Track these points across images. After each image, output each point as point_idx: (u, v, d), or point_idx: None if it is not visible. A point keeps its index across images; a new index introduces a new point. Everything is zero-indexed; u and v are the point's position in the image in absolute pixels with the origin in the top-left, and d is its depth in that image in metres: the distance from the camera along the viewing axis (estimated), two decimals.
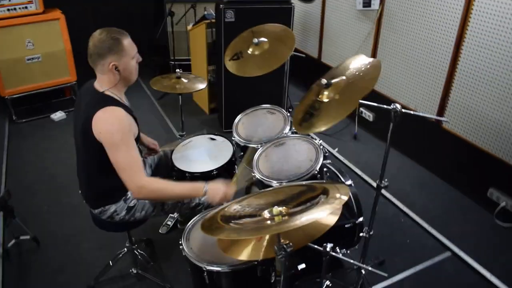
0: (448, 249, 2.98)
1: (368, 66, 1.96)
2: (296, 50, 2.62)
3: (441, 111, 3.52)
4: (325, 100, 1.97)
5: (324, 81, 1.94)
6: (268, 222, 1.39)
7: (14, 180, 3.75)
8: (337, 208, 1.33)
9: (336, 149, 4.13)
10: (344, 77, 1.97)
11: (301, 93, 5.18)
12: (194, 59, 5.01)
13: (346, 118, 4.48)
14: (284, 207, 1.43)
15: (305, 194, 1.53)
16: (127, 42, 2.06)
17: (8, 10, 4.34)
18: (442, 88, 3.46)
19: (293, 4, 3.94)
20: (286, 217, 1.39)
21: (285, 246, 1.44)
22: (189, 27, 4.81)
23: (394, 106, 1.97)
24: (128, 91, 2.24)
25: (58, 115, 4.82)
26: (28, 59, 4.58)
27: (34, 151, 4.21)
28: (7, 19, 4.34)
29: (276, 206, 1.41)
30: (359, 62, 2.05)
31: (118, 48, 2.01)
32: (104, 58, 2.01)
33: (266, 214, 1.43)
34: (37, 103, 5.02)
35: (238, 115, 2.87)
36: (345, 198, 1.35)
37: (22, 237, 2.96)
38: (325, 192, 1.44)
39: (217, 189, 2.11)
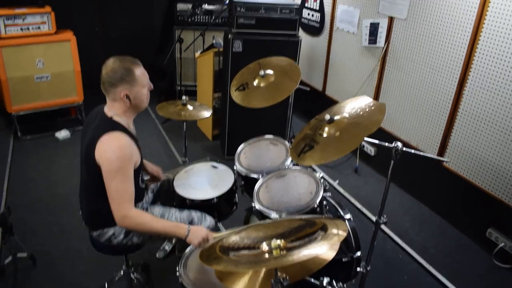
0: None
1: (373, 108, 1.99)
2: (301, 81, 2.66)
3: (442, 149, 3.55)
4: (325, 135, 2.01)
5: (327, 116, 1.98)
6: (266, 255, 1.40)
7: (14, 197, 3.76)
8: (335, 245, 1.35)
9: (337, 182, 4.14)
10: (347, 115, 2.01)
11: (304, 124, 5.21)
12: (200, 85, 5.07)
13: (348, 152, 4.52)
14: (282, 241, 1.44)
15: (304, 229, 1.55)
16: (140, 71, 2.10)
17: (22, 29, 4.44)
18: (444, 127, 3.50)
19: (300, 38, 4.02)
20: (284, 251, 1.40)
21: (281, 279, 1.44)
22: (197, 54, 4.89)
23: (396, 145, 2.00)
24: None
25: (63, 134, 4.85)
26: (37, 78, 4.65)
27: (37, 169, 4.23)
28: (20, 38, 4.43)
29: (274, 239, 1.42)
30: (364, 102, 2.09)
31: (130, 78, 2.05)
32: (116, 87, 2.05)
33: (264, 247, 1.44)
34: (43, 121, 5.07)
35: (240, 143, 2.90)
36: (343, 234, 1.36)
37: (19, 255, 2.95)
38: (324, 228, 1.46)
39: (199, 231, 2.11)
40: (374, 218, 3.58)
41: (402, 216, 3.71)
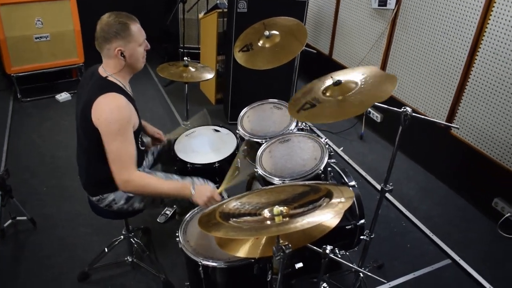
0: (449, 256, 2.94)
1: (384, 78, 1.89)
2: (307, 45, 2.56)
3: (450, 117, 3.45)
4: (329, 96, 1.92)
5: (334, 78, 1.89)
6: (268, 222, 1.35)
7: (14, 160, 3.73)
8: (340, 212, 1.28)
9: (341, 148, 4.08)
10: (355, 81, 1.92)
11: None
12: (204, 48, 4.95)
13: (353, 118, 4.45)
14: (285, 207, 1.38)
15: (308, 195, 1.49)
16: (136, 28, 2.00)
17: None
18: (454, 94, 3.39)
19: None
20: (287, 218, 1.34)
21: (283, 247, 1.39)
22: (201, 15, 4.75)
23: (405, 109, 1.92)
24: (135, 76, 2.18)
25: (63, 96, 4.79)
26: (36, 38, 4.53)
27: (37, 131, 4.18)
28: None
29: (277, 206, 1.36)
30: (374, 71, 1.99)
31: (125, 33, 1.95)
32: (110, 42, 1.95)
33: (266, 213, 1.39)
34: (43, 83, 4.99)
35: (244, 107, 2.81)
36: (349, 202, 1.30)
37: (18, 218, 2.95)
38: (329, 195, 1.39)
39: (204, 190, 2.07)
40: (378, 186, 3.56)
41: (406, 184, 3.65)
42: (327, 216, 1.27)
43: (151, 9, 5.88)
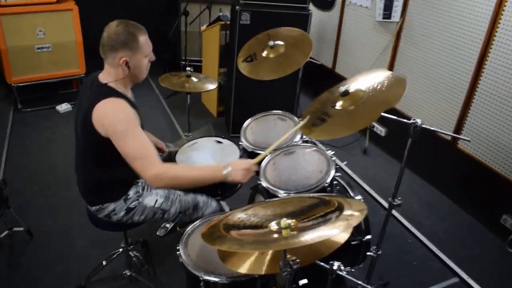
0: (456, 274, 2.86)
1: (392, 81, 1.84)
2: (310, 57, 2.53)
3: (457, 130, 3.40)
4: (338, 108, 1.87)
5: (342, 88, 1.84)
6: (275, 235, 1.28)
7: (13, 169, 3.67)
8: (351, 226, 1.22)
9: (345, 163, 4.02)
10: (363, 89, 1.87)
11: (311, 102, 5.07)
12: (206, 60, 4.92)
13: (356, 132, 4.39)
14: (293, 220, 1.32)
15: (317, 208, 1.42)
16: (144, 39, 1.95)
17: None
18: (460, 107, 3.34)
19: (310, 11, 3.85)
20: (295, 232, 1.27)
21: (291, 262, 1.32)
22: (203, 27, 4.73)
23: (415, 121, 1.87)
24: (136, 87, 2.14)
25: (63, 107, 4.74)
26: (38, 48, 4.50)
27: (37, 141, 4.13)
28: (20, 6, 4.27)
29: (284, 219, 1.29)
30: (381, 75, 1.94)
31: (133, 44, 1.91)
32: (117, 51, 1.91)
33: (273, 226, 1.32)
34: (44, 93, 4.95)
35: (246, 120, 2.76)
36: (361, 216, 1.24)
37: (15, 229, 2.89)
38: (339, 208, 1.33)
39: (238, 164, 1.97)
40: (382, 200, 3.50)
41: (411, 198, 3.59)
42: (339, 230, 1.20)
43: (151, 21, 5.85)
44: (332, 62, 4.89)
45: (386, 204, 3.39)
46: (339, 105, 1.86)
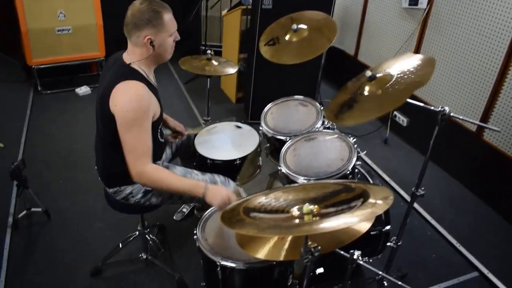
0: (476, 269, 2.78)
1: (420, 63, 1.77)
2: (331, 46, 2.46)
3: (483, 121, 3.29)
4: (366, 94, 1.81)
5: (368, 73, 1.78)
6: (297, 220, 1.24)
7: (31, 151, 3.70)
8: (376, 214, 1.17)
9: (365, 152, 3.93)
10: (391, 73, 1.80)
11: (332, 90, 4.99)
12: (226, 46, 4.87)
13: (377, 121, 4.31)
14: (315, 206, 1.27)
15: (340, 194, 1.37)
16: (168, 17, 1.92)
17: None
18: (487, 99, 3.23)
19: None
20: (317, 218, 1.23)
21: (312, 249, 1.27)
22: (224, 12, 4.67)
23: (443, 109, 1.79)
24: (154, 73, 2.11)
25: (83, 90, 4.75)
26: (58, 30, 4.50)
27: (55, 124, 4.15)
28: None
29: (307, 204, 1.25)
30: (409, 58, 1.87)
31: (157, 21, 1.87)
32: (141, 30, 1.87)
33: (295, 211, 1.27)
34: (63, 76, 4.97)
35: (265, 106, 2.71)
36: (387, 203, 1.18)
37: (33, 209, 2.91)
38: (363, 195, 1.28)
39: (218, 192, 1.94)
40: (402, 191, 3.43)
41: (432, 191, 3.50)
42: (363, 218, 1.15)
43: (171, 5, 5.81)
44: (355, 49, 4.79)
45: (406, 196, 3.33)
46: (366, 90, 1.79)
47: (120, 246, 2.60)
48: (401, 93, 1.63)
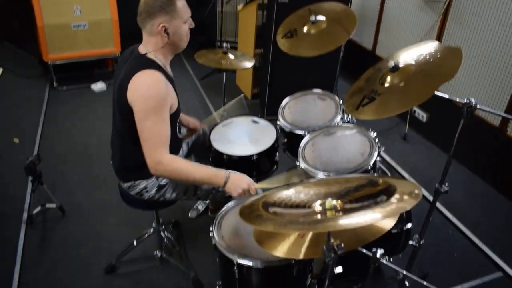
0: (500, 269, 2.69)
1: (446, 53, 1.69)
2: (348, 39, 2.39)
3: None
4: (387, 85, 1.73)
5: (391, 63, 1.70)
6: (318, 216, 1.17)
7: (47, 146, 3.69)
8: (405, 210, 1.10)
9: (383, 148, 3.85)
10: (414, 63, 1.72)
11: (349, 86, 4.87)
12: (241, 41, 4.81)
13: (396, 117, 4.21)
14: (338, 201, 1.21)
15: (364, 189, 1.30)
16: (181, 3, 1.88)
17: None
18: (511, 93, 3.13)
19: None
20: (340, 213, 1.16)
21: (335, 247, 1.21)
22: (240, 7, 4.62)
23: (469, 101, 1.71)
24: (170, 68, 2.06)
25: (98, 86, 4.75)
26: (74, 26, 4.49)
27: (71, 119, 4.15)
28: None
29: (330, 199, 1.18)
30: (432, 47, 1.79)
31: (170, 8, 1.83)
32: (154, 17, 1.83)
33: (317, 206, 1.21)
34: (79, 72, 4.98)
35: (281, 102, 2.65)
36: (416, 199, 1.11)
37: (48, 205, 2.89)
38: (389, 189, 1.21)
39: (239, 180, 1.90)
40: (422, 189, 3.32)
41: (454, 188, 3.38)
42: (389, 214, 1.08)
43: (186, 1, 5.79)
44: (373, 43, 4.69)
45: (427, 193, 3.23)
46: (388, 81, 1.72)
47: (135, 243, 2.57)
48: (426, 87, 1.55)
